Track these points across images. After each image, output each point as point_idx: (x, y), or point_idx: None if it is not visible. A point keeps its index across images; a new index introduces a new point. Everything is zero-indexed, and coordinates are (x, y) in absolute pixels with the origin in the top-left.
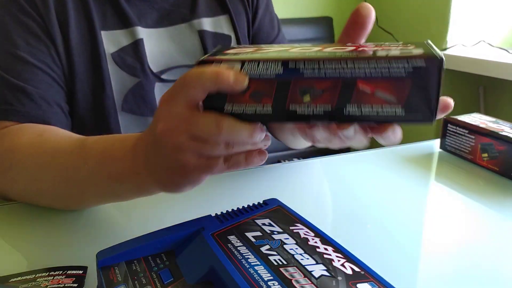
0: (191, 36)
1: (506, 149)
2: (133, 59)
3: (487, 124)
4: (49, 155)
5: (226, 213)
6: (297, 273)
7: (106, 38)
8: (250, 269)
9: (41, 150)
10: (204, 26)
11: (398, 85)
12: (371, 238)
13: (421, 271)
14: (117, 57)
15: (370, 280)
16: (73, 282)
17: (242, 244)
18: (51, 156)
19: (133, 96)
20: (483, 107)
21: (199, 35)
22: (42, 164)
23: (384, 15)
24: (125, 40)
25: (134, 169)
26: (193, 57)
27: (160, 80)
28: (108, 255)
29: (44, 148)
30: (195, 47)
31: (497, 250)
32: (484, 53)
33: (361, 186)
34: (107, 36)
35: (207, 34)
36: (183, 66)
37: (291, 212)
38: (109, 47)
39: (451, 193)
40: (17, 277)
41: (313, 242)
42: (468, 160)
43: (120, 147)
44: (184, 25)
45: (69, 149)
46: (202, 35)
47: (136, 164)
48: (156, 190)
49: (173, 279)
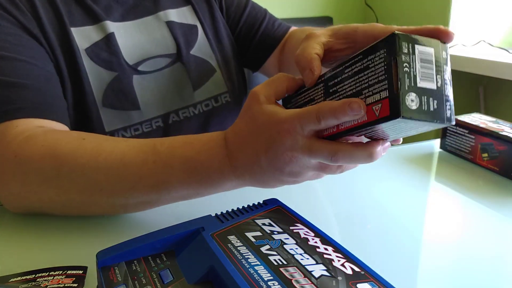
0: (160, 27)
1: (506, 149)
2: (108, 54)
3: (487, 124)
4: (117, 165)
5: (226, 213)
6: (297, 273)
7: (77, 34)
8: (250, 269)
9: (101, 159)
10: (171, 17)
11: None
12: (371, 238)
13: (421, 271)
14: (91, 52)
15: (370, 280)
16: (73, 282)
17: (242, 244)
18: (121, 166)
19: (113, 91)
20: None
21: (167, 26)
22: (110, 175)
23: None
24: (96, 35)
25: (229, 177)
26: (165, 48)
27: (137, 72)
28: (108, 255)
29: (104, 156)
30: (165, 38)
31: (497, 250)
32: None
33: (361, 186)
34: (78, 33)
35: (175, 25)
36: (157, 57)
37: (291, 212)
38: (82, 43)
39: (451, 193)
40: (17, 277)
41: (313, 242)
42: (468, 160)
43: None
44: (151, 17)
45: (140, 157)
46: (170, 26)
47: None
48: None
49: (173, 279)
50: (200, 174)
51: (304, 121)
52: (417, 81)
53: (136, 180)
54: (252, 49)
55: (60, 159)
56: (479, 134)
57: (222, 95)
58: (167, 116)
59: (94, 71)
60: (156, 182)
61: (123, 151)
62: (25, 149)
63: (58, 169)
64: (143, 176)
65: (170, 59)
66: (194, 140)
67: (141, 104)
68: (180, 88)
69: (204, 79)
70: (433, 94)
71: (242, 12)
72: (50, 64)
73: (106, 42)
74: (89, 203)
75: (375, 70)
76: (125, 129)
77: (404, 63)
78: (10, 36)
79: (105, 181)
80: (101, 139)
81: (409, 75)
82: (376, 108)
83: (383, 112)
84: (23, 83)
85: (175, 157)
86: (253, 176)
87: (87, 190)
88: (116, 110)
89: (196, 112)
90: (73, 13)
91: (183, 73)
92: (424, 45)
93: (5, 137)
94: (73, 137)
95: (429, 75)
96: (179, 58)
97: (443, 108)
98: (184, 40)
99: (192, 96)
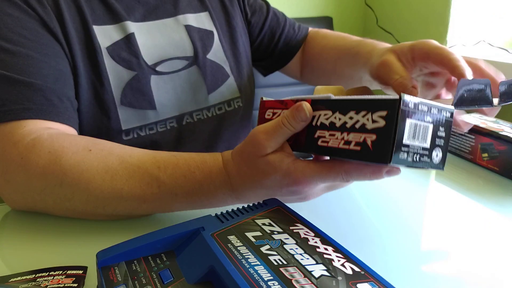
0: (178, 30)
1: (506, 149)
2: (128, 53)
3: (487, 124)
4: (122, 186)
5: (226, 213)
6: (297, 273)
7: (98, 32)
8: (250, 269)
9: (107, 178)
10: (189, 21)
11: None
12: (371, 238)
13: (421, 271)
14: (112, 51)
15: (370, 280)
16: (73, 282)
17: (242, 244)
18: (125, 187)
19: (131, 90)
20: None
21: (186, 29)
22: (114, 196)
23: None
24: (117, 35)
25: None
26: (183, 50)
27: (155, 73)
28: (108, 255)
29: (110, 175)
30: (183, 40)
31: (497, 250)
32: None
33: (361, 186)
34: (100, 31)
35: (193, 29)
36: (175, 59)
37: (291, 212)
38: (103, 41)
39: (451, 193)
40: (17, 277)
41: (313, 242)
42: (468, 160)
43: (210, 188)
44: (170, 19)
45: (145, 181)
46: (188, 29)
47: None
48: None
49: (173, 279)
50: (202, 201)
51: (327, 180)
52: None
53: (141, 202)
54: (276, 54)
55: (65, 169)
56: (479, 134)
57: (234, 100)
58: (182, 118)
59: (114, 70)
60: (160, 204)
61: (129, 172)
62: (31, 153)
63: (62, 179)
64: (147, 200)
65: (187, 62)
66: (196, 169)
67: (157, 104)
68: (196, 90)
69: (219, 83)
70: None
71: (266, 18)
72: (64, 61)
73: (126, 42)
74: (92, 213)
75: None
76: (140, 128)
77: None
78: (26, 30)
79: (109, 200)
80: (106, 153)
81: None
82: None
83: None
84: (32, 83)
85: (178, 186)
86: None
87: (91, 203)
88: (133, 109)
89: (209, 115)
90: (95, 11)
91: (198, 76)
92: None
93: (12, 136)
94: (80, 147)
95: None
96: (196, 61)
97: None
98: (201, 44)
99: (206, 99)
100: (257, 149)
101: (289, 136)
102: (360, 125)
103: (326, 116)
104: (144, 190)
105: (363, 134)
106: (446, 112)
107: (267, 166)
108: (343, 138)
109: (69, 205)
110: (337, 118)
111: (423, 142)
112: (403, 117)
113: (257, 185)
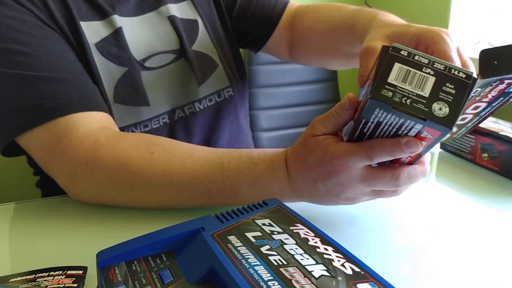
0: (162, 22)
1: (506, 149)
2: (117, 49)
3: (487, 124)
4: (189, 185)
5: (226, 213)
6: (297, 273)
7: (86, 29)
8: (250, 269)
9: (174, 180)
10: (172, 11)
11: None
12: (371, 238)
13: (421, 271)
14: (102, 47)
15: (370, 280)
16: (73, 282)
17: (242, 244)
18: (192, 186)
19: (123, 86)
20: None
21: (169, 21)
22: (183, 194)
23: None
24: (105, 31)
25: (289, 195)
26: (169, 43)
27: (145, 68)
28: (108, 255)
29: (176, 177)
30: (168, 33)
31: (497, 250)
32: None
33: None
34: (87, 27)
35: (177, 20)
36: (162, 53)
37: (291, 212)
38: (92, 38)
39: (451, 193)
40: (17, 277)
41: (313, 242)
42: (468, 160)
43: (271, 178)
44: (153, 12)
45: (209, 178)
46: (172, 21)
47: (293, 193)
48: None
49: (173, 279)
50: (263, 192)
51: (355, 158)
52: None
53: (207, 197)
54: (253, 29)
55: (134, 174)
56: (479, 134)
57: (225, 90)
58: (173, 112)
59: (105, 66)
60: (225, 198)
61: (193, 171)
62: (96, 159)
63: (133, 183)
64: (213, 195)
65: (174, 55)
66: (258, 160)
67: (150, 100)
68: (186, 83)
69: (208, 74)
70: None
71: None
72: (74, 54)
73: (115, 37)
74: (163, 207)
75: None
76: (135, 125)
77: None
78: (34, 29)
79: (177, 198)
80: (169, 154)
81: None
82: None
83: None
84: (64, 78)
85: (241, 178)
86: (311, 197)
87: (161, 202)
88: (127, 106)
89: (201, 107)
90: (80, 7)
91: (187, 69)
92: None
93: (68, 139)
94: (141, 150)
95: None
96: (183, 54)
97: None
98: (186, 35)
99: (197, 92)
100: (309, 130)
101: (339, 124)
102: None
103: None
104: (209, 187)
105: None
106: (459, 72)
107: (314, 144)
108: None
109: (140, 204)
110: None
111: (418, 90)
112: (390, 60)
113: (304, 167)
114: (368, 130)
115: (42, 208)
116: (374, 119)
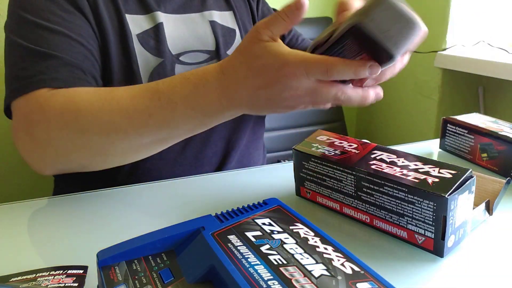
0: (203, 24)
1: (505, 149)
2: (155, 41)
3: (486, 124)
4: (128, 105)
5: (226, 213)
6: (297, 272)
7: (130, 21)
8: (250, 268)
9: (114, 102)
10: (214, 17)
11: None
12: (371, 237)
13: (421, 271)
14: (142, 38)
15: (370, 279)
16: (73, 282)
17: (242, 244)
18: (131, 106)
19: (158, 76)
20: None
21: (210, 25)
22: (123, 115)
23: None
24: (147, 24)
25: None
26: (205, 44)
27: (179, 62)
28: (108, 255)
29: (117, 100)
30: (207, 35)
31: (497, 250)
32: (484, 53)
33: None
34: (131, 20)
35: (217, 25)
36: (197, 51)
37: (291, 211)
38: (134, 29)
39: None
40: (17, 277)
41: (313, 241)
42: (468, 160)
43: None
44: (197, 14)
45: (147, 97)
46: (213, 25)
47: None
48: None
49: (174, 278)
50: (201, 106)
51: (312, 70)
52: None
53: (146, 118)
54: None
55: (78, 104)
56: (478, 134)
57: None
58: None
59: (143, 55)
60: (164, 117)
61: (132, 94)
62: (49, 100)
63: (76, 113)
64: (152, 114)
65: (208, 55)
66: (191, 75)
67: None
68: None
69: None
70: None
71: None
72: (95, 43)
73: (155, 30)
74: (108, 143)
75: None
76: None
77: None
78: (65, 13)
79: (119, 121)
80: (113, 88)
81: None
82: None
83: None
84: (63, 57)
85: (176, 93)
86: (250, 106)
87: (104, 131)
88: None
89: None
90: (128, 2)
91: None
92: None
93: (39, 98)
94: (90, 89)
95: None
96: (217, 56)
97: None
98: (223, 40)
99: None
100: (253, 34)
101: (287, 28)
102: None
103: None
104: (147, 104)
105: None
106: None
107: (262, 49)
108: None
109: (86, 140)
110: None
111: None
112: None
113: (248, 74)
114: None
115: (42, 208)
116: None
